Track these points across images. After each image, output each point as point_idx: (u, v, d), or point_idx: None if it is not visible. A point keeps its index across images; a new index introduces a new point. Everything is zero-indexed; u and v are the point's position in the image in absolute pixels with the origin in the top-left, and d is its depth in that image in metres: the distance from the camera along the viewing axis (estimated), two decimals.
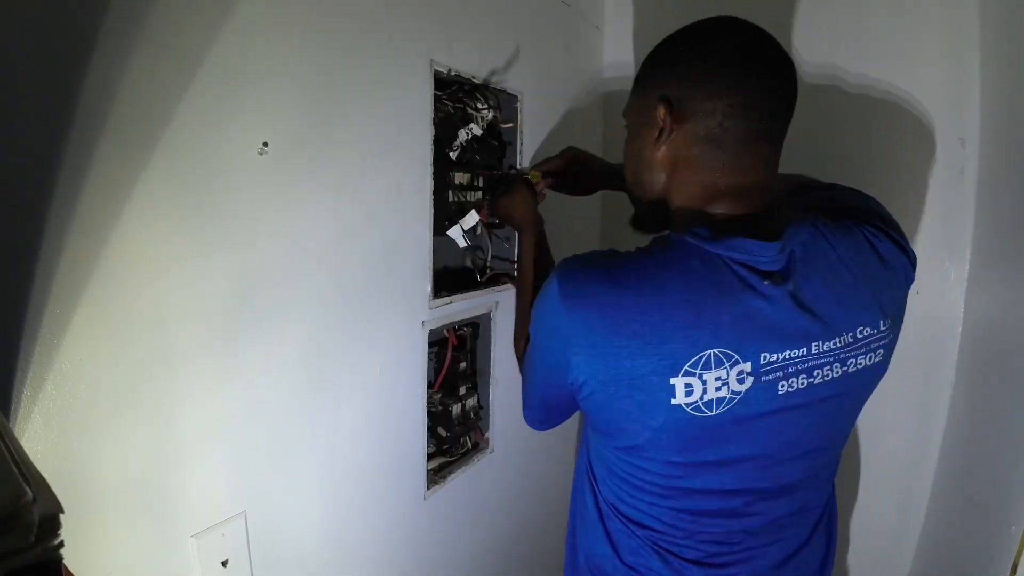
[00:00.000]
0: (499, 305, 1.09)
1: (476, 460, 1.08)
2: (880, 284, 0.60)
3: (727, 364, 0.53)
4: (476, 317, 1.08)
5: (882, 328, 0.60)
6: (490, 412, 1.11)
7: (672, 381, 0.53)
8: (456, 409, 1.02)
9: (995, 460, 0.94)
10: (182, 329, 0.59)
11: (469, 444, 1.09)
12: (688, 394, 0.53)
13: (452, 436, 1.02)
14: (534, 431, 1.13)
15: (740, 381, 0.54)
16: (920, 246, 1.10)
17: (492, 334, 1.09)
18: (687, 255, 0.55)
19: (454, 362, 1.02)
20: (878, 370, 0.63)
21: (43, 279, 0.49)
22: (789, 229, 0.57)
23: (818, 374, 0.58)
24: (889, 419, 1.14)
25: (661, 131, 0.59)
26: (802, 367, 0.56)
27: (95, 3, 0.50)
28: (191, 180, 0.59)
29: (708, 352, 0.53)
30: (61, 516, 0.41)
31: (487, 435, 1.11)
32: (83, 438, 0.53)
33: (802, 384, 0.57)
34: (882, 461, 1.18)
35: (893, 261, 0.62)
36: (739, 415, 0.55)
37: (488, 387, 1.10)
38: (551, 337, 0.60)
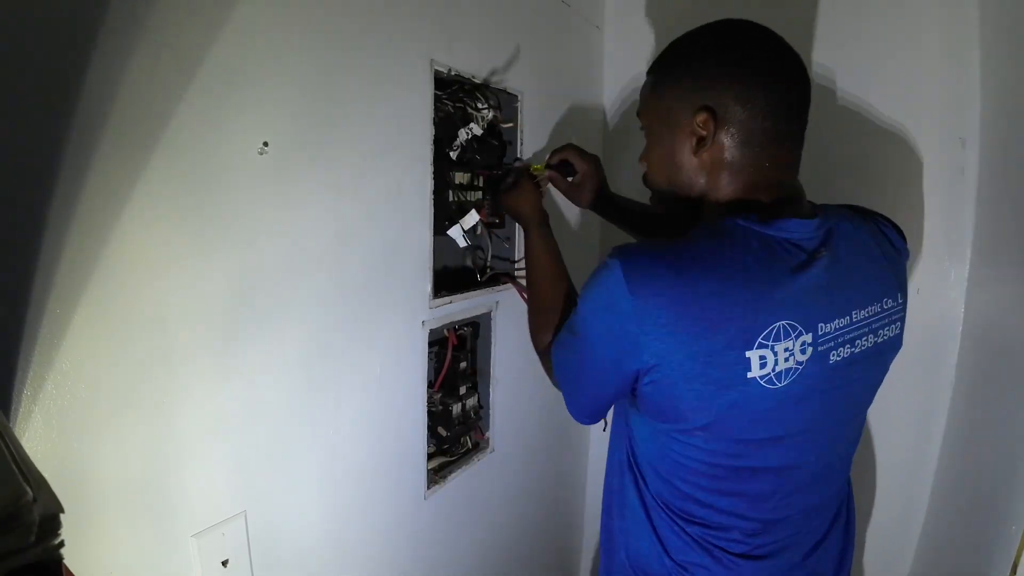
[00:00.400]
0: (499, 305, 1.09)
1: (476, 460, 1.08)
2: (894, 263, 0.68)
3: (793, 335, 0.57)
4: (476, 317, 1.08)
5: (899, 300, 0.67)
6: (490, 412, 1.11)
7: (748, 354, 0.55)
8: (456, 409, 1.02)
9: (995, 460, 0.94)
10: (182, 329, 0.59)
11: (469, 444, 1.09)
12: (763, 366, 0.56)
13: (452, 436, 1.02)
14: (534, 431, 1.13)
15: (803, 352, 0.58)
16: (920, 246, 1.10)
17: (492, 334, 1.09)
18: (745, 237, 0.59)
19: (454, 362, 1.02)
20: (896, 343, 0.68)
21: (43, 279, 0.49)
22: (824, 212, 0.63)
23: (859, 343, 0.63)
24: (889, 419, 1.14)
25: (702, 139, 0.62)
26: (847, 336, 0.61)
27: (95, 3, 0.50)
28: (191, 180, 0.59)
29: (778, 324, 0.56)
30: (61, 516, 0.41)
31: (487, 435, 1.11)
32: (83, 438, 0.53)
33: (846, 353, 0.61)
34: (882, 461, 1.18)
35: (898, 245, 0.70)
36: (801, 386, 0.59)
37: (488, 387, 1.10)
38: (616, 323, 0.59)
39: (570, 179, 0.99)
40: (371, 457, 0.86)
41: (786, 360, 0.57)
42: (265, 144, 0.65)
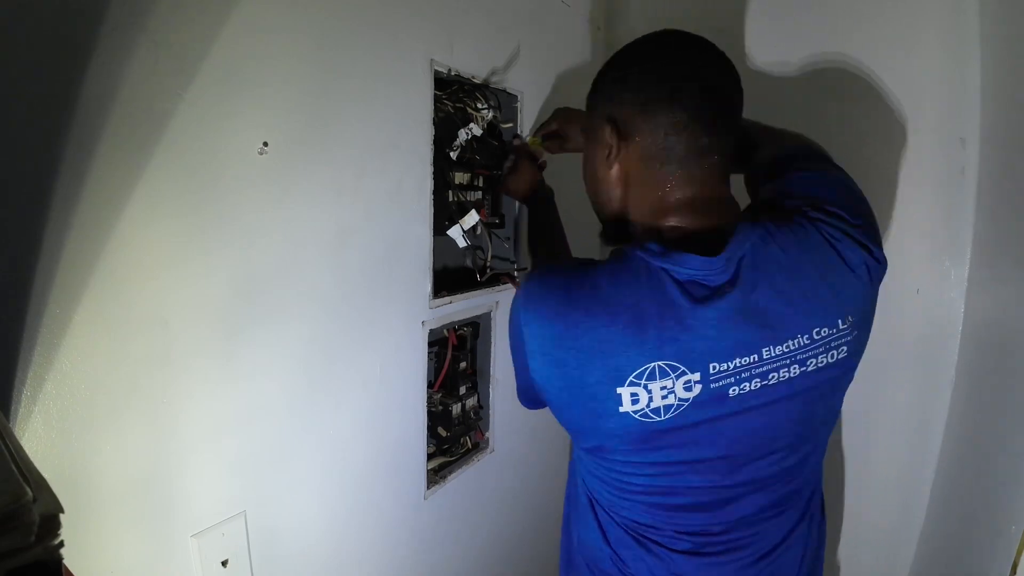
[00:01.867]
0: (499, 305, 1.09)
1: (476, 460, 1.08)
2: (839, 283, 0.59)
3: (672, 375, 0.55)
4: (476, 317, 1.08)
5: (841, 327, 0.59)
6: (490, 412, 1.11)
7: (618, 391, 0.56)
8: (456, 409, 1.02)
9: (995, 460, 0.94)
10: (182, 329, 0.59)
11: (469, 444, 1.09)
12: (635, 402, 0.56)
13: (452, 436, 1.02)
14: (534, 431, 1.13)
15: (688, 389, 0.56)
16: (920, 246, 1.10)
17: (492, 334, 1.09)
18: (636, 270, 0.57)
19: (454, 362, 1.02)
20: (845, 365, 0.62)
21: (43, 279, 0.49)
22: (736, 238, 0.57)
23: (773, 376, 0.58)
24: (889, 419, 1.14)
25: (610, 150, 0.62)
26: (755, 372, 0.57)
27: (95, 3, 0.50)
28: (191, 180, 0.59)
29: (652, 364, 0.55)
30: (61, 516, 0.41)
31: (487, 435, 1.11)
32: (83, 438, 0.53)
33: (756, 386, 0.58)
34: (882, 461, 1.18)
35: (854, 259, 0.60)
36: (690, 419, 0.57)
37: (488, 387, 1.10)
38: (516, 341, 0.63)
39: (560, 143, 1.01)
40: (371, 457, 0.86)
41: (664, 397, 0.56)
42: (265, 144, 0.65)
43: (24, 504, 0.36)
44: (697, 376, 0.56)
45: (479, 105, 0.99)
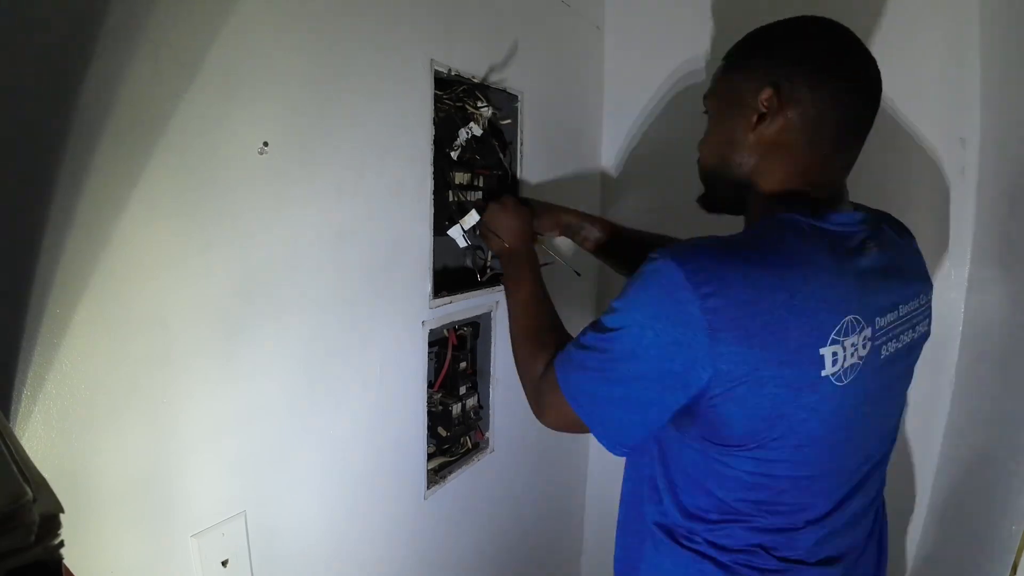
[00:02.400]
0: (499, 305, 1.09)
1: (476, 460, 1.08)
2: (920, 258, 0.70)
3: (857, 330, 0.55)
4: (476, 317, 1.08)
5: (930, 295, 0.68)
6: (490, 412, 1.11)
7: (822, 351, 0.53)
8: (456, 409, 1.02)
9: (995, 460, 0.94)
10: (182, 329, 0.59)
11: (469, 444, 1.09)
12: (834, 363, 0.53)
13: (452, 436, 1.02)
14: (534, 431, 1.12)
15: (864, 347, 0.56)
16: (920, 246, 1.10)
17: (492, 334, 1.09)
18: (801, 230, 0.57)
19: (454, 362, 1.02)
20: (926, 337, 0.68)
21: (43, 279, 0.49)
22: (858, 205, 0.65)
23: (902, 338, 0.61)
24: None
25: (763, 115, 0.60)
26: (895, 331, 0.60)
27: (95, 3, 0.50)
28: (191, 180, 0.59)
29: (848, 317, 0.54)
30: (61, 516, 0.41)
31: (487, 435, 1.11)
32: (83, 438, 0.53)
33: (892, 349, 0.60)
34: None
35: (916, 245, 0.73)
36: (859, 384, 0.56)
37: (488, 387, 1.10)
38: (681, 332, 0.53)
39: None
40: (371, 457, 0.86)
41: (851, 356, 0.54)
42: (265, 144, 0.65)
43: (24, 504, 0.36)
44: (869, 332, 0.56)
45: (479, 105, 0.99)
